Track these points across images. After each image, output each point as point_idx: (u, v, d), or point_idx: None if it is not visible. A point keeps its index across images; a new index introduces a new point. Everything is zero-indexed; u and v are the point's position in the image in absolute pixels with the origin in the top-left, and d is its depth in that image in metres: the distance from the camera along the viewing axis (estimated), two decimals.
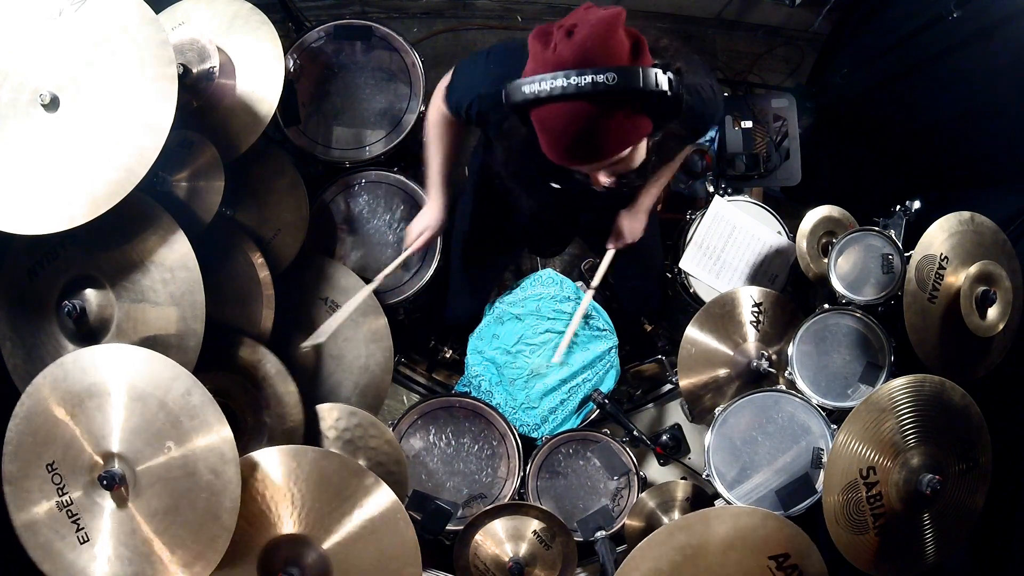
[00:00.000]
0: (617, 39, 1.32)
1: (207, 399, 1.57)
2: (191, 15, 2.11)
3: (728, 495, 2.11)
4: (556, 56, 1.30)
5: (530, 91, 1.32)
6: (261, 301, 2.08)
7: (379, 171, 2.49)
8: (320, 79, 2.51)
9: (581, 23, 1.31)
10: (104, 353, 1.59)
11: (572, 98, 1.29)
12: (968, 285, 1.94)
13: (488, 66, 1.70)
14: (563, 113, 1.32)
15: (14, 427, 1.57)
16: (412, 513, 1.82)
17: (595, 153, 1.40)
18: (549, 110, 1.33)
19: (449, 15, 3.29)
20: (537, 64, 1.34)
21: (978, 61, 2.35)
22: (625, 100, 1.33)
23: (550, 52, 1.31)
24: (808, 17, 3.15)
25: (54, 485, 1.56)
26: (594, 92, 1.28)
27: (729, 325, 2.29)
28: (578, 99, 1.29)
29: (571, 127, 1.34)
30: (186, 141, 1.96)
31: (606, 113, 1.33)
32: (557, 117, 1.33)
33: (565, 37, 1.31)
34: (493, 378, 2.42)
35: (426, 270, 2.46)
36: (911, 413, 1.78)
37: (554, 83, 1.29)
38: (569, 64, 1.29)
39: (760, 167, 2.65)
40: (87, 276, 1.77)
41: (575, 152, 1.40)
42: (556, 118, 1.33)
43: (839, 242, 2.17)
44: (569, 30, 1.31)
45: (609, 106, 1.32)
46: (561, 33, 1.32)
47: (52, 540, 1.54)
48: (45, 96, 1.62)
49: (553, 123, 1.34)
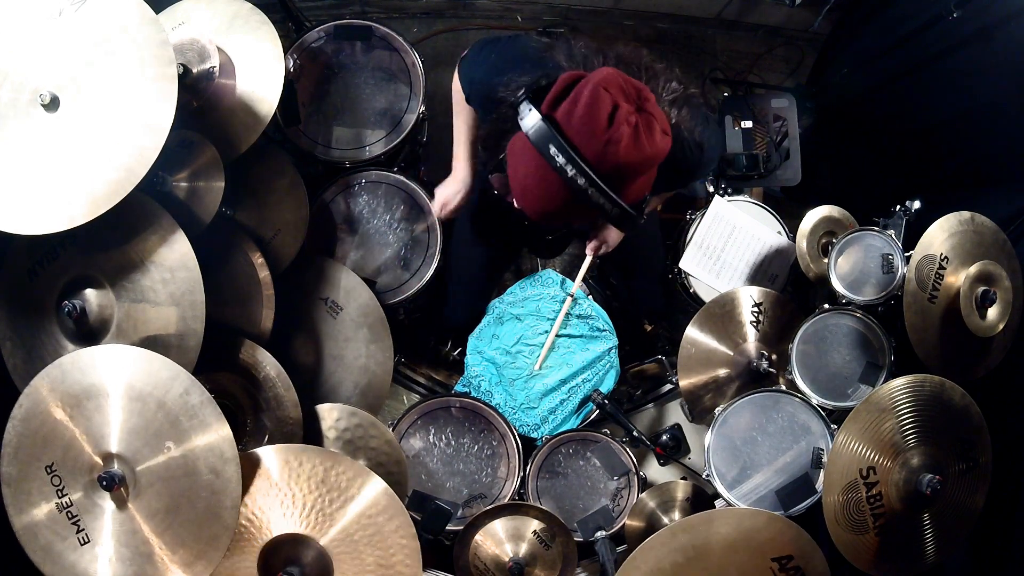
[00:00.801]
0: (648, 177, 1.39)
1: (206, 398, 1.56)
2: (191, 15, 2.11)
3: (728, 495, 2.11)
4: (603, 151, 1.29)
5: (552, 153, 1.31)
6: (261, 301, 2.08)
7: (379, 171, 2.49)
8: (320, 79, 2.50)
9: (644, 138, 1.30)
10: (102, 353, 1.58)
11: (574, 192, 1.32)
12: (968, 285, 1.95)
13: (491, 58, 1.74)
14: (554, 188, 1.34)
15: (12, 429, 1.56)
16: (412, 513, 1.82)
17: (544, 220, 1.45)
18: (549, 174, 1.33)
19: (449, 15, 3.29)
20: (581, 132, 1.31)
21: (978, 61, 2.35)
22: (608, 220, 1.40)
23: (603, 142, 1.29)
24: (808, 17, 3.15)
25: (53, 487, 1.55)
26: (590, 205, 1.34)
27: (729, 325, 2.29)
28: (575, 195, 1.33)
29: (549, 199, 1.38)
30: (186, 141, 1.96)
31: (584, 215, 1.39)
32: (548, 184, 1.35)
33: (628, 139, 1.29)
34: (493, 378, 2.42)
35: (426, 270, 2.46)
36: (911, 413, 1.78)
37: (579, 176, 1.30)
38: (604, 170, 1.31)
39: (760, 167, 2.65)
40: (87, 276, 1.77)
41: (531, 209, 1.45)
42: (546, 184, 1.35)
43: (839, 242, 2.17)
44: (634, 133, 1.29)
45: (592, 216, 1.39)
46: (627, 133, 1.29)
47: (53, 542, 1.54)
48: (45, 96, 1.62)
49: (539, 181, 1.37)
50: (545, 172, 1.34)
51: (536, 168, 1.36)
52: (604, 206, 1.33)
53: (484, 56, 1.79)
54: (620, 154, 1.30)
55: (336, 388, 2.27)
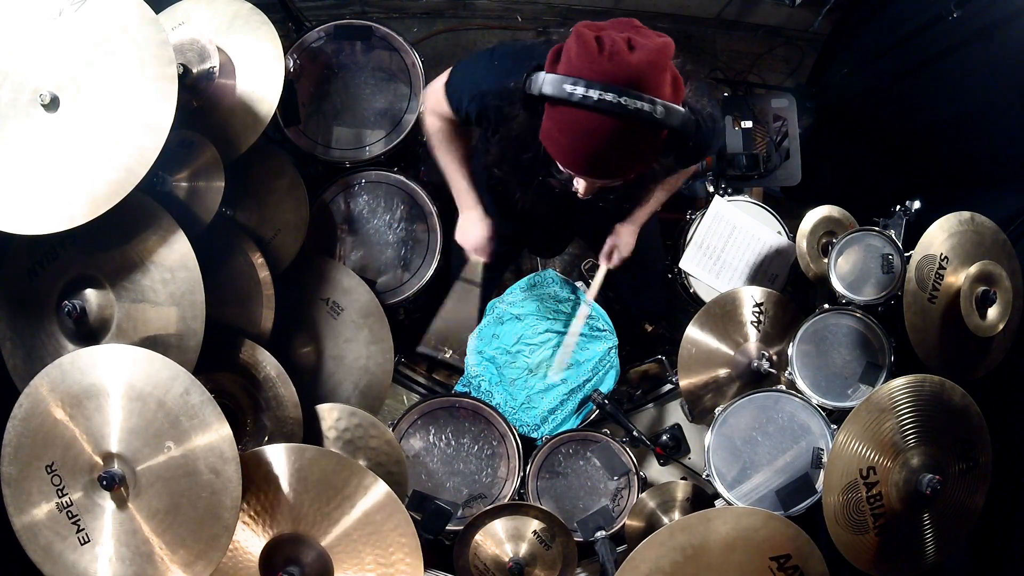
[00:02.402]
0: (667, 73, 1.31)
1: (206, 398, 1.56)
2: (191, 15, 2.11)
3: (728, 495, 2.11)
4: (611, 65, 1.26)
5: (573, 91, 1.27)
6: (261, 301, 2.08)
7: (379, 171, 2.49)
8: (320, 79, 2.51)
9: (639, 43, 1.27)
10: (102, 353, 1.58)
11: (613, 115, 1.26)
12: (968, 285, 1.94)
13: (493, 63, 1.69)
14: (597, 125, 1.29)
15: (12, 429, 1.56)
16: (412, 513, 1.82)
17: (603, 170, 1.40)
18: (584, 116, 1.29)
19: (449, 15, 3.30)
20: (585, 65, 1.28)
21: (978, 61, 2.35)
22: (656, 133, 1.32)
23: (604, 59, 1.26)
24: (808, 17, 3.15)
25: (54, 486, 1.55)
26: (637, 119, 1.26)
27: (729, 325, 2.29)
28: (618, 119, 1.27)
29: (598, 140, 1.31)
30: (186, 141, 1.96)
31: (635, 140, 1.32)
32: (589, 125, 1.30)
33: (625, 49, 1.26)
34: (493, 378, 2.42)
35: (426, 270, 2.46)
36: (911, 413, 1.78)
37: (603, 95, 1.25)
38: (623, 81, 1.25)
39: (760, 167, 2.65)
40: (87, 276, 1.77)
41: (586, 162, 1.38)
42: (587, 126, 1.30)
43: (839, 242, 2.17)
44: (628, 43, 1.27)
45: (640, 135, 1.31)
46: (619, 43, 1.27)
47: (53, 542, 1.54)
48: (45, 96, 1.62)
49: (581, 129, 1.31)
50: (576, 116, 1.30)
51: (568, 120, 1.32)
52: (645, 110, 1.25)
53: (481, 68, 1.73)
54: (627, 59, 1.26)
55: (336, 388, 2.27)
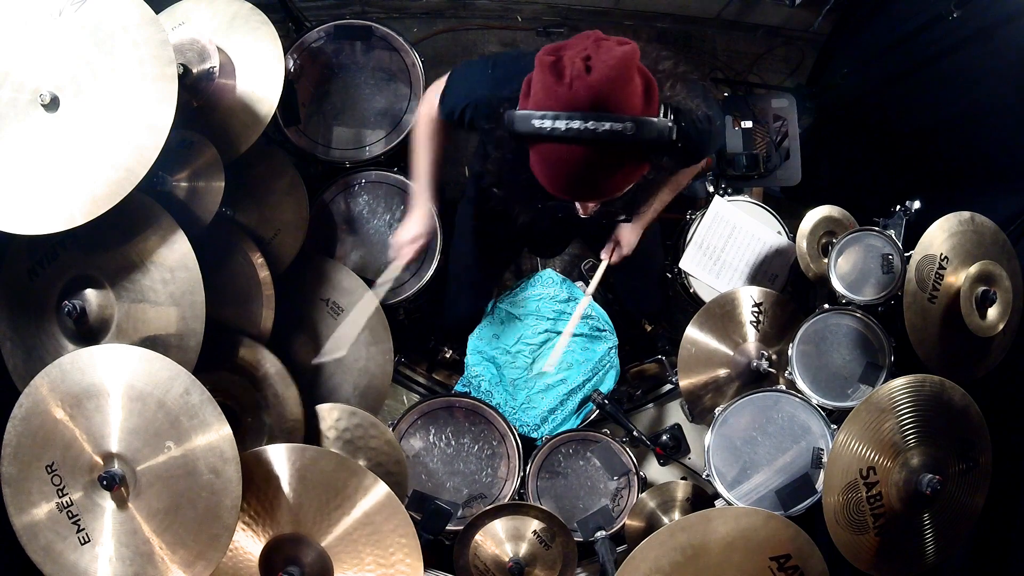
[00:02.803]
0: (633, 83, 1.29)
1: (206, 398, 1.56)
2: (191, 15, 2.11)
3: (728, 495, 2.11)
4: (572, 93, 1.25)
5: (541, 126, 1.27)
6: (261, 301, 2.08)
7: (379, 171, 2.49)
8: (320, 79, 2.51)
9: (598, 59, 1.26)
10: (102, 353, 1.58)
11: (584, 142, 1.26)
12: (968, 285, 1.94)
13: (488, 71, 1.68)
14: (570, 154, 1.29)
15: (12, 429, 1.56)
16: (412, 513, 1.82)
17: (592, 193, 1.41)
18: (556, 149, 1.29)
19: (449, 15, 3.29)
20: (548, 96, 1.28)
21: (978, 61, 2.35)
22: (635, 149, 1.32)
23: (564, 87, 1.26)
24: (808, 17, 3.15)
25: (54, 486, 1.55)
26: (608, 140, 1.26)
27: (729, 325, 2.29)
28: (589, 144, 1.26)
29: (575, 169, 1.31)
30: (186, 141, 1.96)
31: (613, 160, 1.31)
32: (565, 157, 1.30)
33: (583, 72, 1.25)
34: (493, 378, 2.42)
35: (426, 270, 2.46)
36: (911, 413, 1.78)
37: (570, 124, 1.24)
38: (585, 105, 1.24)
39: (760, 167, 2.65)
40: (87, 276, 1.77)
41: (572, 190, 1.38)
42: (564, 157, 1.30)
43: (839, 242, 2.17)
44: (586, 64, 1.25)
45: (618, 154, 1.30)
46: (577, 66, 1.25)
47: (53, 541, 1.54)
48: (45, 96, 1.62)
49: (557, 161, 1.31)
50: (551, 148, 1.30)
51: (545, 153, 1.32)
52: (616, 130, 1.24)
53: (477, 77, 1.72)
54: (586, 82, 1.24)
55: (336, 388, 2.27)
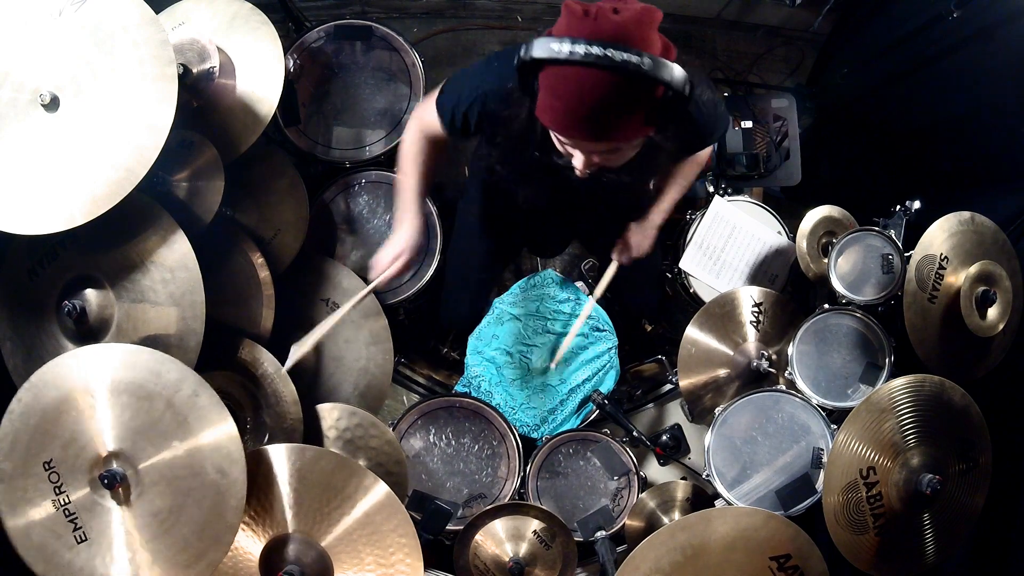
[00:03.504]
0: (654, 34, 1.34)
1: (215, 400, 1.56)
2: (191, 15, 2.12)
3: (728, 495, 2.11)
4: (596, 24, 1.29)
5: (561, 48, 1.29)
6: (261, 301, 2.08)
7: (379, 171, 2.49)
8: (320, 79, 2.51)
9: (625, 7, 1.32)
10: (108, 352, 1.58)
11: (603, 67, 1.28)
12: (968, 285, 1.94)
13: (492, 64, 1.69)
14: (587, 80, 1.30)
15: (9, 424, 1.55)
16: (412, 513, 1.82)
17: (600, 130, 1.39)
18: (574, 73, 1.31)
19: (449, 15, 3.30)
20: (571, 28, 1.32)
21: (978, 61, 2.35)
22: (648, 89, 1.34)
23: (589, 21, 1.30)
24: (808, 17, 3.15)
25: (51, 483, 1.54)
26: (625, 70, 1.28)
27: (729, 325, 2.29)
28: (608, 71, 1.28)
29: (590, 96, 1.32)
30: (186, 141, 1.96)
31: (627, 95, 1.33)
32: (580, 82, 1.31)
33: (610, 12, 1.30)
34: (493, 378, 2.42)
35: (426, 270, 2.46)
36: (911, 413, 1.78)
37: (590, 48, 1.27)
38: (608, 36, 1.28)
39: (760, 167, 2.65)
40: (87, 276, 1.77)
41: (582, 123, 1.38)
42: (578, 83, 1.31)
43: (839, 242, 2.17)
44: (613, 8, 1.31)
45: (632, 89, 1.32)
46: (604, 8, 1.31)
47: (47, 540, 1.53)
48: (45, 96, 1.62)
49: (573, 87, 1.32)
50: (565, 73, 1.32)
51: (557, 79, 1.34)
52: (632, 62, 1.27)
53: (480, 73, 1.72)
54: (611, 18, 1.29)
55: (336, 389, 2.27)
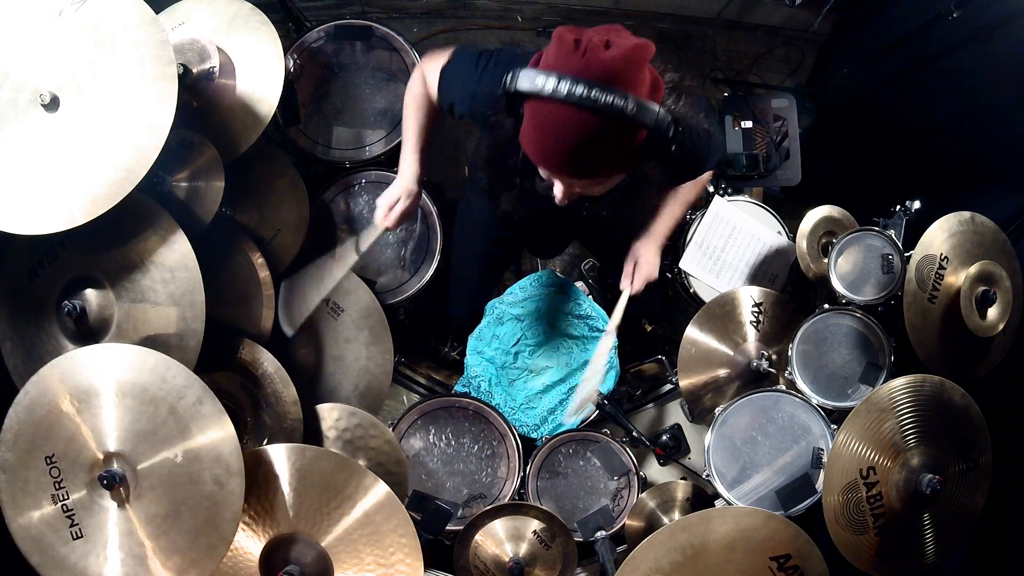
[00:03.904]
0: (643, 72, 1.32)
1: (217, 409, 1.56)
2: (191, 15, 2.12)
3: (728, 495, 2.11)
4: (584, 62, 1.28)
5: (546, 84, 1.28)
6: (261, 301, 2.08)
7: (379, 171, 2.49)
8: (320, 79, 2.51)
9: (616, 42, 1.30)
10: (115, 352, 1.58)
11: (585, 108, 1.27)
12: (968, 285, 1.94)
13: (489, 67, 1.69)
14: (569, 118, 1.29)
15: (15, 415, 1.55)
16: (412, 513, 1.82)
17: (578, 168, 1.39)
18: (556, 110, 1.30)
19: (449, 15, 3.30)
20: (559, 61, 1.31)
21: (978, 61, 2.35)
22: (631, 132, 1.32)
23: (578, 55, 1.29)
24: (808, 17, 3.15)
25: (51, 478, 1.54)
26: (608, 113, 1.27)
27: (729, 325, 2.29)
28: (590, 112, 1.27)
29: (571, 135, 1.31)
30: (186, 141, 1.96)
31: (607, 138, 1.32)
32: (562, 120, 1.30)
33: (601, 47, 1.28)
34: (493, 378, 2.42)
35: (426, 270, 2.46)
36: (911, 413, 1.78)
37: (573, 87, 1.26)
38: (595, 75, 1.27)
39: (760, 167, 2.65)
40: (87, 276, 1.77)
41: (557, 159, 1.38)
42: (560, 120, 1.30)
43: (839, 242, 2.17)
44: (606, 43, 1.29)
45: (614, 131, 1.31)
46: (595, 42, 1.29)
47: (44, 533, 1.54)
48: (45, 96, 1.62)
49: (554, 124, 1.31)
50: (548, 110, 1.31)
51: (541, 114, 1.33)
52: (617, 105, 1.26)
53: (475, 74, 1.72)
54: (601, 56, 1.27)
55: (336, 389, 2.27)
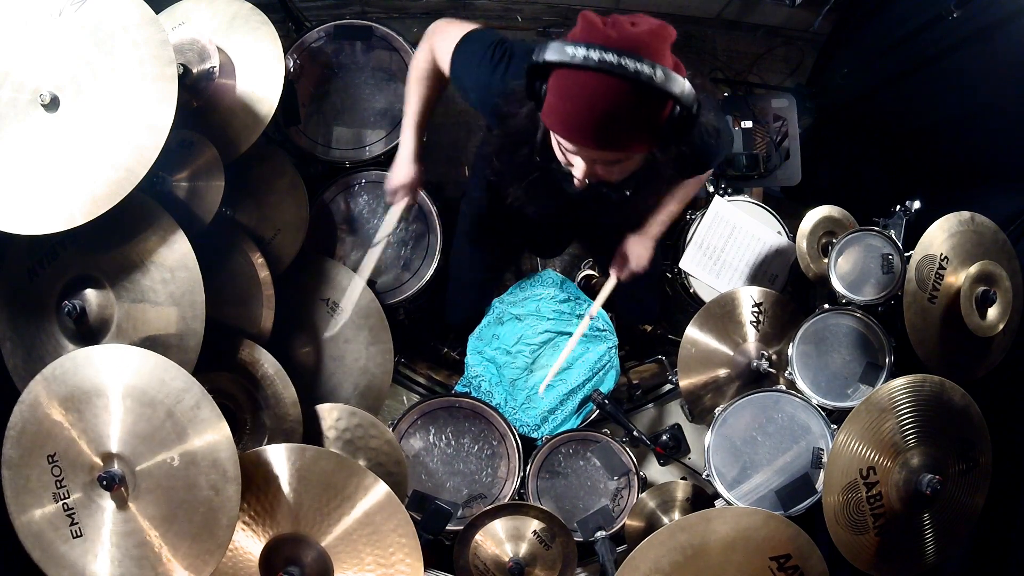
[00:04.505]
0: (668, 50, 1.37)
1: (215, 413, 1.56)
2: (191, 15, 2.11)
3: (728, 495, 2.11)
4: (613, 33, 1.32)
5: (576, 52, 1.31)
6: (261, 301, 2.08)
7: (379, 171, 2.49)
8: (320, 79, 2.51)
9: (641, 21, 1.35)
10: (113, 353, 1.58)
11: (616, 75, 1.30)
12: (968, 285, 1.95)
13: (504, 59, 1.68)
14: (599, 86, 1.32)
15: (19, 413, 1.56)
16: (412, 513, 1.82)
17: (606, 138, 1.40)
18: (586, 78, 1.32)
19: (449, 15, 3.28)
20: (587, 34, 1.34)
21: (978, 61, 2.35)
22: (658, 102, 1.35)
23: (606, 30, 1.33)
24: (808, 17, 3.15)
25: (53, 477, 1.55)
26: (637, 80, 1.30)
27: (729, 325, 2.29)
28: (621, 79, 1.30)
29: (600, 103, 1.34)
30: (186, 141, 1.96)
31: (637, 105, 1.34)
32: (591, 88, 1.33)
33: (627, 24, 1.33)
34: (493, 378, 2.42)
35: (426, 270, 2.46)
36: (911, 413, 1.78)
37: (605, 55, 1.29)
38: (623, 46, 1.30)
39: (760, 167, 2.65)
40: (87, 276, 1.77)
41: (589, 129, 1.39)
42: (590, 88, 1.33)
43: (839, 242, 2.17)
44: (632, 21, 1.34)
45: (643, 100, 1.34)
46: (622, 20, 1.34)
47: (45, 530, 1.54)
48: (45, 96, 1.62)
49: (584, 92, 1.34)
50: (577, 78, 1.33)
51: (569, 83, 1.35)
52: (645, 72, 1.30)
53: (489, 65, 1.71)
54: (629, 30, 1.32)
55: (336, 389, 2.27)
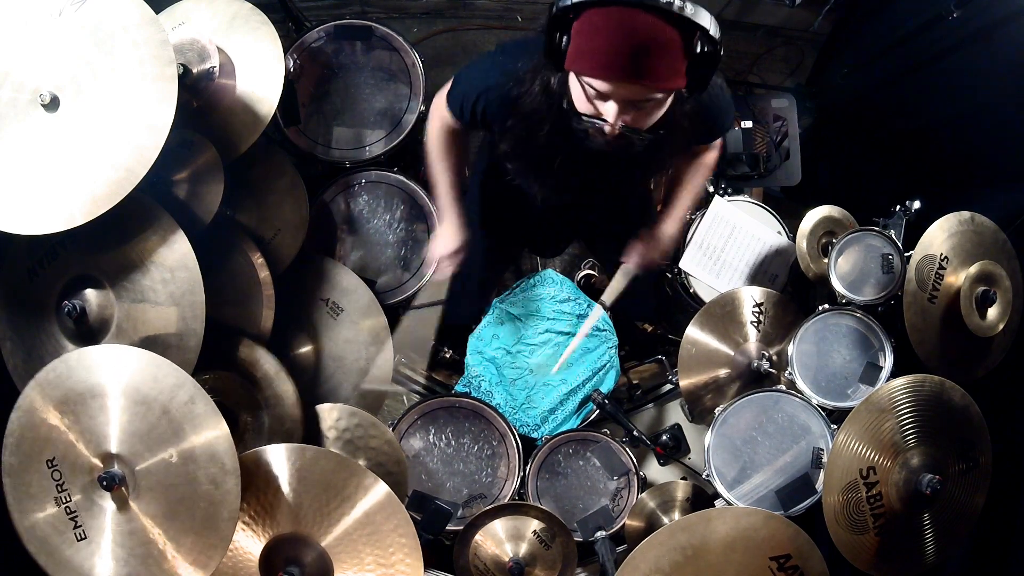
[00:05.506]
0: None
1: (210, 408, 1.56)
2: (191, 15, 2.12)
3: (728, 495, 2.11)
4: None
5: None
6: (261, 301, 2.08)
7: (379, 171, 2.49)
8: (320, 79, 2.51)
9: None
10: (109, 353, 1.58)
11: (646, 9, 1.34)
12: (968, 285, 1.95)
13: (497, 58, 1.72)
14: (630, 19, 1.35)
15: (16, 420, 1.56)
16: (412, 513, 1.82)
17: (641, 69, 1.42)
18: (617, 12, 1.36)
19: (449, 15, 3.30)
20: None
21: (978, 61, 2.35)
22: (688, 33, 1.39)
23: None
24: (808, 17, 3.15)
25: (54, 481, 1.55)
26: (668, 12, 1.34)
27: (729, 325, 2.29)
28: (654, 12, 1.34)
29: (633, 34, 1.37)
30: (186, 141, 1.96)
31: (669, 34, 1.38)
32: (623, 21, 1.36)
33: None
34: (493, 378, 2.42)
35: (426, 270, 2.46)
36: (911, 413, 1.78)
37: None
38: None
39: (760, 167, 2.65)
40: (87, 276, 1.77)
41: (625, 60, 1.41)
42: (622, 21, 1.36)
43: (839, 242, 2.17)
44: None
45: (674, 30, 1.37)
46: None
47: (50, 535, 1.54)
48: (45, 96, 1.62)
49: (616, 25, 1.37)
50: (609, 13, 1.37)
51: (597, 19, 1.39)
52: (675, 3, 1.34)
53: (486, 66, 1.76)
54: None
55: (336, 389, 2.27)
